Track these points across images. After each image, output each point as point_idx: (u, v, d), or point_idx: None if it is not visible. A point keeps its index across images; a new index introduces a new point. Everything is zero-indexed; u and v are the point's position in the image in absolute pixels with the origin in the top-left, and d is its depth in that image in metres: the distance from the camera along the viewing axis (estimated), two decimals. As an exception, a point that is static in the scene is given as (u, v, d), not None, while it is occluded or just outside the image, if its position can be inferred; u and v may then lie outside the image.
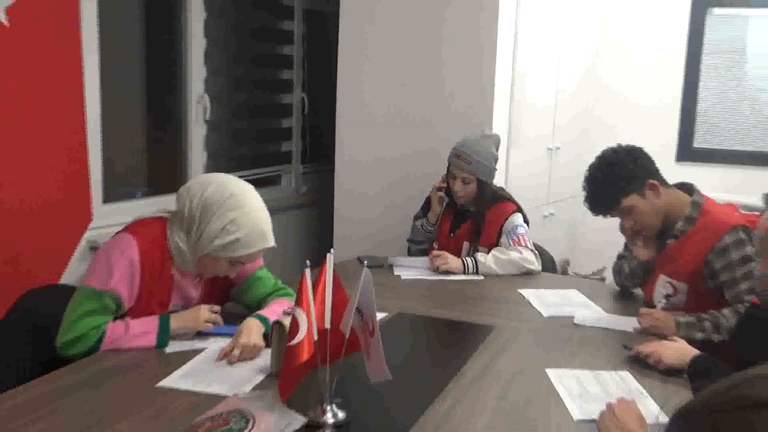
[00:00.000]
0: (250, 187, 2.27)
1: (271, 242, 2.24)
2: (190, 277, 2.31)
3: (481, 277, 3.14)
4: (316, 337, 1.69)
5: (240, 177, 2.32)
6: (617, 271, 2.98)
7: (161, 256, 2.23)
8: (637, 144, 2.78)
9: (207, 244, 2.17)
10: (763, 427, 0.68)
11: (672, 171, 2.90)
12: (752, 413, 0.70)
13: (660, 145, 4.85)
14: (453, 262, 3.17)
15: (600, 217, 2.79)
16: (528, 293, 2.90)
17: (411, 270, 3.23)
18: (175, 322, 2.20)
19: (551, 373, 2.08)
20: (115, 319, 2.19)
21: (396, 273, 3.20)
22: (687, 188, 2.74)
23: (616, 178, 2.66)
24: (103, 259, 2.19)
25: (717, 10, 4.99)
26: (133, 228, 2.25)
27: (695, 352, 2.07)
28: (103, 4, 3.15)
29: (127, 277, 2.16)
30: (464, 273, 3.16)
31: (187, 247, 2.21)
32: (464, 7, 3.73)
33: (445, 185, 3.36)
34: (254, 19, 4.29)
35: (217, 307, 2.29)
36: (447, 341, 2.45)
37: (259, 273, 2.44)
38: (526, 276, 3.17)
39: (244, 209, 2.18)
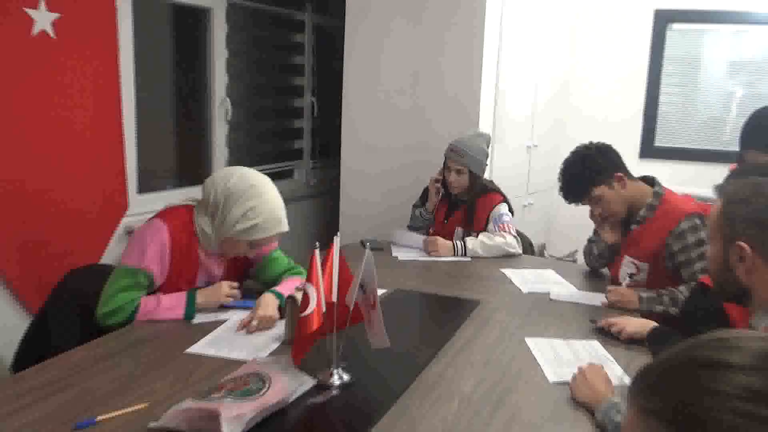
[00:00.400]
0: (267, 179, 2.26)
1: (285, 227, 2.23)
2: (214, 258, 2.30)
3: (469, 259, 3.13)
4: (324, 310, 1.70)
5: (258, 171, 2.32)
6: (587, 252, 2.98)
7: (188, 239, 2.23)
8: (606, 140, 2.78)
9: (229, 228, 2.17)
10: (707, 382, 0.69)
11: (636, 166, 2.90)
12: (701, 370, 0.71)
13: (626, 144, 4.85)
14: (442, 249, 3.16)
15: (572, 206, 2.80)
16: (510, 272, 2.89)
17: (408, 252, 3.23)
18: (201, 297, 2.20)
19: (529, 341, 2.08)
20: (148, 294, 2.18)
21: (394, 255, 3.19)
22: (649, 180, 2.74)
23: (587, 170, 2.66)
24: (137, 242, 2.19)
25: (676, 26, 4.97)
26: (164, 214, 2.24)
27: (654, 323, 2.08)
28: (137, 19, 3.14)
29: (158, 257, 2.16)
30: (454, 255, 3.15)
31: (211, 231, 2.20)
32: (455, 28, 3.71)
33: (441, 178, 3.35)
34: (270, 33, 4.27)
35: (235, 284, 2.28)
36: (439, 314, 2.44)
37: (275, 254, 2.43)
38: (508, 258, 3.16)
39: (262, 198, 2.18)
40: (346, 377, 1.74)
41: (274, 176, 4.30)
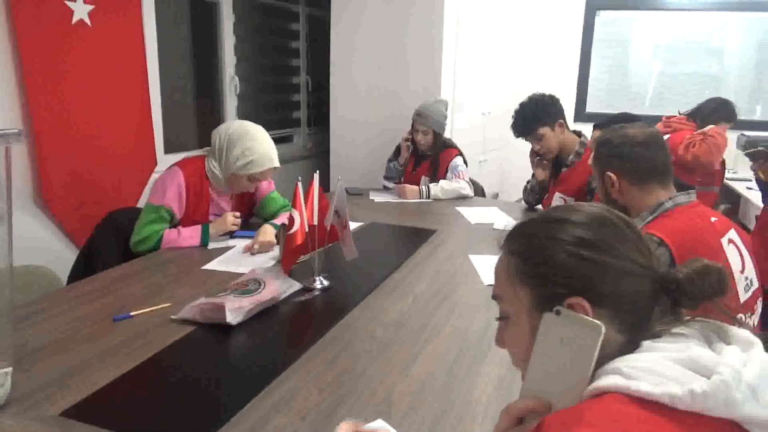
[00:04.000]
0: (259, 127, 2.32)
1: (276, 163, 2.28)
2: (224, 196, 2.37)
3: (431, 200, 3.22)
4: (307, 229, 1.79)
5: None
6: (524, 189, 3.06)
7: (201, 181, 2.29)
8: None
9: (232, 165, 2.23)
10: (551, 231, 0.79)
11: (571, 127, 2.98)
12: (548, 224, 0.81)
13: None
14: (410, 194, 3.23)
15: (520, 160, 2.87)
16: (462, 209, 2.98)
17: (383, 196, 3.32)
18: (212, 227, 2.27)
19: (473, 257, 2.17)
20: (172, 228, 2.26)
21: (371, 197, 3.27)
22: (578, 133, 2.83)
23: (538, 111, 2.74)
24: (159, 184, 2.26)
25: (603, 13, 5.00)
26: (180, 163, 2.31)
27: None
28: (159, 9, 3.14)
29: (176, 196, 2.23)
30: (420, 198, 3.24)
31: (219, 171, 2.27)
32: (419, 17, 3.73)
33: (410, 137, 3.41)
34: (270, 21, 4.28)
35: (238, 213, 2.35)
36: (403, 239, 2.52)
37: (273, 195, 2.51)
38: (462, 199, 3.25)
39: (256, 141, 2.25)
40: (326, 283, 1.84)
41: (277, 140, 4.32)
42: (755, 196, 3.63)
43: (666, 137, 3.01)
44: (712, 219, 1.52)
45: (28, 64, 2.47)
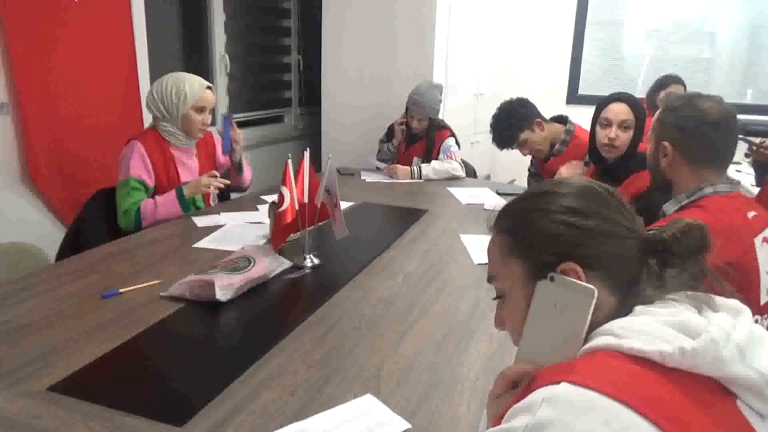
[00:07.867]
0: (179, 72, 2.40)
1: (207, 83, 2.39)
2: (184, 153, 2.43)
3: (423, 181, 3.21)
4: (297, 207, 1.78)
5: (252, 116, 2.41)
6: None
7: (160, 145, 2.35)
8: (539, 89, 2.87)
9: (175, 109, 2.31)
10: (538, 204, 0.79)
11: (563, 110, 2.97)
12: (535, 198, 0.81)
13: (555, 92, 4.93)
14: (402, 174, 3.22)
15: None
16: (453, 190, 2.97)
17: (374, 175, 3.30)
18: (187, 190, 2.32)
19: (463, 237, 2.17)
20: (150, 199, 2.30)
21: (362, 178, 3.26)
22: (562, 119, 2.82)
23: (513, 119, 2.74)
24: (122, 161, 2.32)
25: (598, -6, 4.97)
26: (134, 137, 2.36)
27: None
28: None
29: (141, 164, 2.28)
30: (411, 178, 3.23)
31: (171, 125, 2.34)
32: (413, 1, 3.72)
33: (404, 120, 3.39)
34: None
35: (214, 172, 2.39)
36: (394, 218, 2.51)
37: None
38: (454, 179, 3.24)
39: (180, 78, 2.35)
40: (316, 261, 1.83)
41: (267, 121, 4.30)
42: (745, 179, 3.65)
43: None
44: (750, 214, 1.44)
45: (13, 39, 2.43)
